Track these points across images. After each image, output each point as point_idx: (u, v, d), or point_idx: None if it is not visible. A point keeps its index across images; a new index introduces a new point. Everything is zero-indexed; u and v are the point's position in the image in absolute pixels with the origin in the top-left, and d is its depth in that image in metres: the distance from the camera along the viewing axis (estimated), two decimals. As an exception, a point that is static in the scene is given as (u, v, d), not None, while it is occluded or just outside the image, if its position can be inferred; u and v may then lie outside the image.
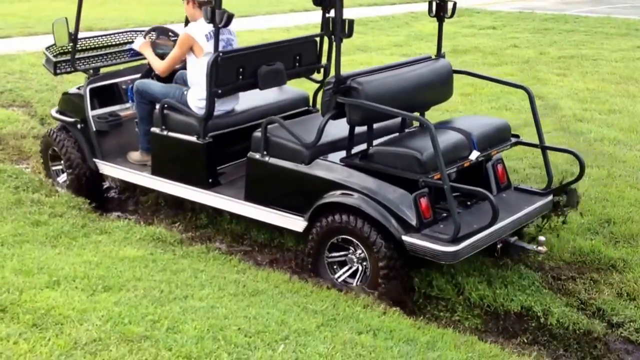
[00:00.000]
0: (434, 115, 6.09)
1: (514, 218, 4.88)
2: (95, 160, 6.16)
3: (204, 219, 5.92)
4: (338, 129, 5.01)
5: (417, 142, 4.75)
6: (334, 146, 5.09)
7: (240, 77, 5.43)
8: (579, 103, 9.43)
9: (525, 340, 4.56)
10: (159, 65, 5.76)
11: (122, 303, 3.81)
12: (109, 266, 4.40)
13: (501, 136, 5.24)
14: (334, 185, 4.82)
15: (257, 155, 5.14)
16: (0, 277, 3.96)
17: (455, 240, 4.43)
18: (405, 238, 4.55)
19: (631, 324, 4.62)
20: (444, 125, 5.16)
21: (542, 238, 5.00)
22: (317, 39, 6.15)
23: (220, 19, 5.00)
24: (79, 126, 6.19)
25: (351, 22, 4.59)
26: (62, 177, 6.48)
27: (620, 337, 4.57)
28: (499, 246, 4.97)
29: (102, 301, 3.81)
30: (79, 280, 4.05)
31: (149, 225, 5.54)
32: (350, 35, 4.58)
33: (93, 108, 6.19)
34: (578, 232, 5.59)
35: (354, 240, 4.78)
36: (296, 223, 5.03)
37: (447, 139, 4.82)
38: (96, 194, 6.35)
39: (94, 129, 6.13)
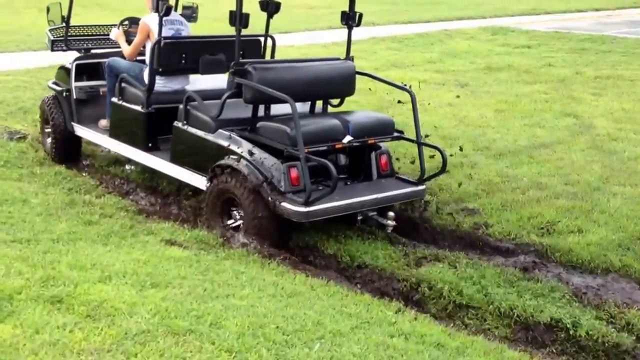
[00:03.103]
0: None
1: (373, 197, 5.65)
2: (72, 123, 7.31)
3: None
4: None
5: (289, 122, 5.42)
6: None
7: (183, 61, 6.36)
8: (613, 123, 9.45)
9: (554, 351, 4.63)
10: (127, 51, 6.79)
11: (169, 299, 3.96)
12: (156, 264, 4.57)
13: (381, 129, 5.96)
14: (228, 152, 5.64)
15: (180, 124, 6.05)
16: (57, 271, 4.13)
17: (307, 203, 5.18)
18: (271, 199, 5.32)
19: (661, 338, 4.63)
20: (332, 113, 6.09)
21: (391, 213, 5.80)
22: (262, 38, 7.07)
23: (161, 9, 6.04)
24: (64, 94, 7.34)
25: (247, 15, 5.58)
26: (49, 139, 7.56)
27: (649, 350, 4.57)
28: (359, 217, 5.83)
29: (150, 296, 3.95)
30: (128, 276, 4.22)
31: (192, 229, 5.72)
32: (246, 26, 5.55)
33: (79, 81, 7.33)
34: (609, 247, 5.68)
35: (236, 198, 5.53)
36: (201, 182, 5.87)
37: (325, 123, 5.71)
38: (73, 154, 7.55)
39: (75, 97, 7.27)
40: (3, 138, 7.76)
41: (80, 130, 7.31)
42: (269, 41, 7.21)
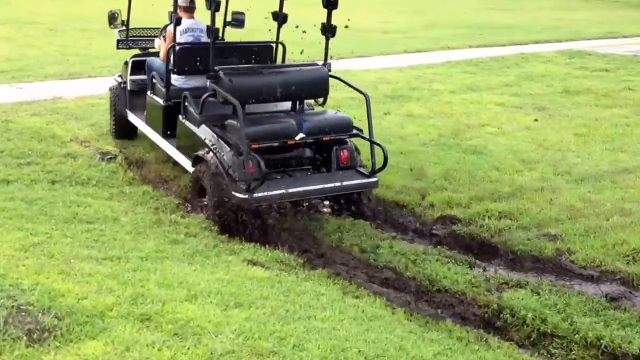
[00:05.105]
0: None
1: (319, 187, 6.26)
2: (126, 109, 8.54)
3: (324, 247, 6.14)
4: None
5: (252, 121, 6.20)
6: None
7: (198, 63, 7.11)
8: (697, 147, 9.18)
9: (643, 383, 4.52)
10: (162, 57, 7.61)
11: (252, 319, 3.98)
12: (239, 284, 4.60)
13: (338, 127, 6.59)
14: (203, 144, 6.43)
15: (181, 118, 6.94)
16: (146, 289, 4.20)
17: (248, 190, 5.84)
18: (225, 186, 6.02)
19: None
20: (293, 114, 6.72)
21: (326, 202, 6.60)
22: (273, 45, 7.81)
23: (173, 20, 7.02)
24: (122, 85, 8.61)
25: (217, 29, 6.41)
26: (112, 120, 8.90)
27: None
28: (305, 204, 6.61)
29: (234, 316, 3.99)
30: (213, 296, 4.25)
31: (273, 249, 5.76)
32: (217, 38, 6.61)
33: (135, 74, 8.39)
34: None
35: (204, 184, 6.26)
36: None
37: (280, 122, 6.37)
38: (128, 133, 8.75)
39: (129, 88, 8.44)
40: (95, 159, 8.03)
41: (131, 116, 8.46)
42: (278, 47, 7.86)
